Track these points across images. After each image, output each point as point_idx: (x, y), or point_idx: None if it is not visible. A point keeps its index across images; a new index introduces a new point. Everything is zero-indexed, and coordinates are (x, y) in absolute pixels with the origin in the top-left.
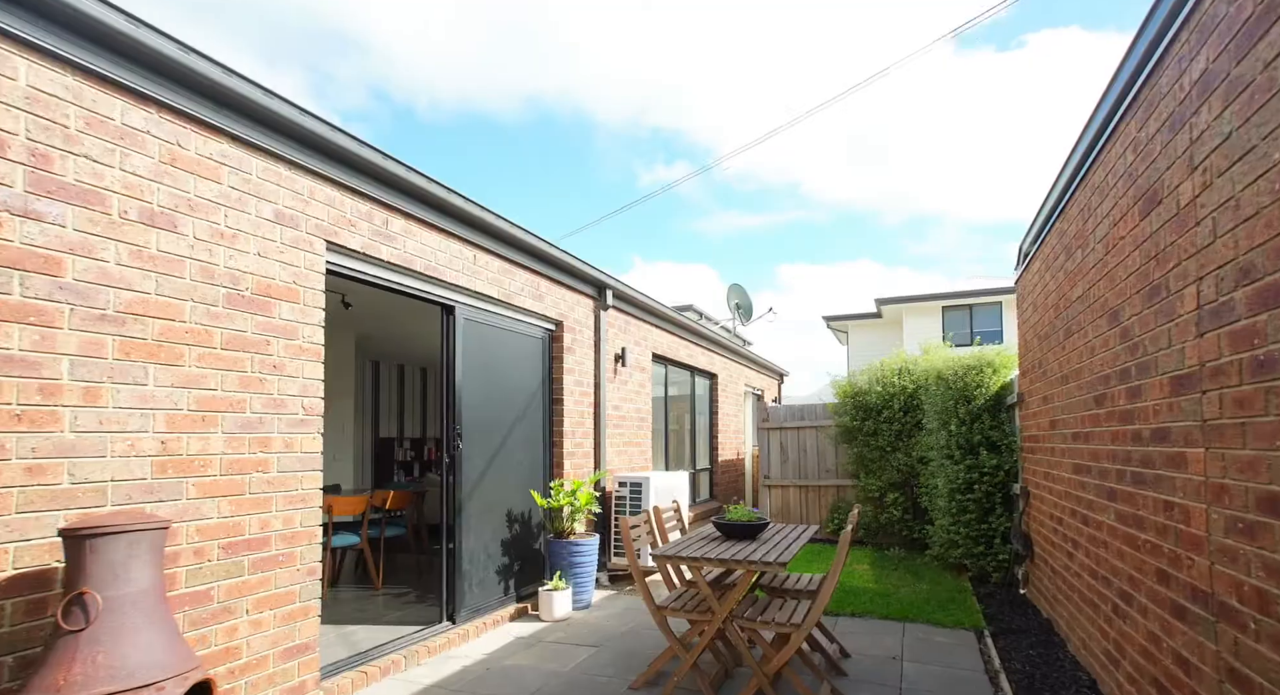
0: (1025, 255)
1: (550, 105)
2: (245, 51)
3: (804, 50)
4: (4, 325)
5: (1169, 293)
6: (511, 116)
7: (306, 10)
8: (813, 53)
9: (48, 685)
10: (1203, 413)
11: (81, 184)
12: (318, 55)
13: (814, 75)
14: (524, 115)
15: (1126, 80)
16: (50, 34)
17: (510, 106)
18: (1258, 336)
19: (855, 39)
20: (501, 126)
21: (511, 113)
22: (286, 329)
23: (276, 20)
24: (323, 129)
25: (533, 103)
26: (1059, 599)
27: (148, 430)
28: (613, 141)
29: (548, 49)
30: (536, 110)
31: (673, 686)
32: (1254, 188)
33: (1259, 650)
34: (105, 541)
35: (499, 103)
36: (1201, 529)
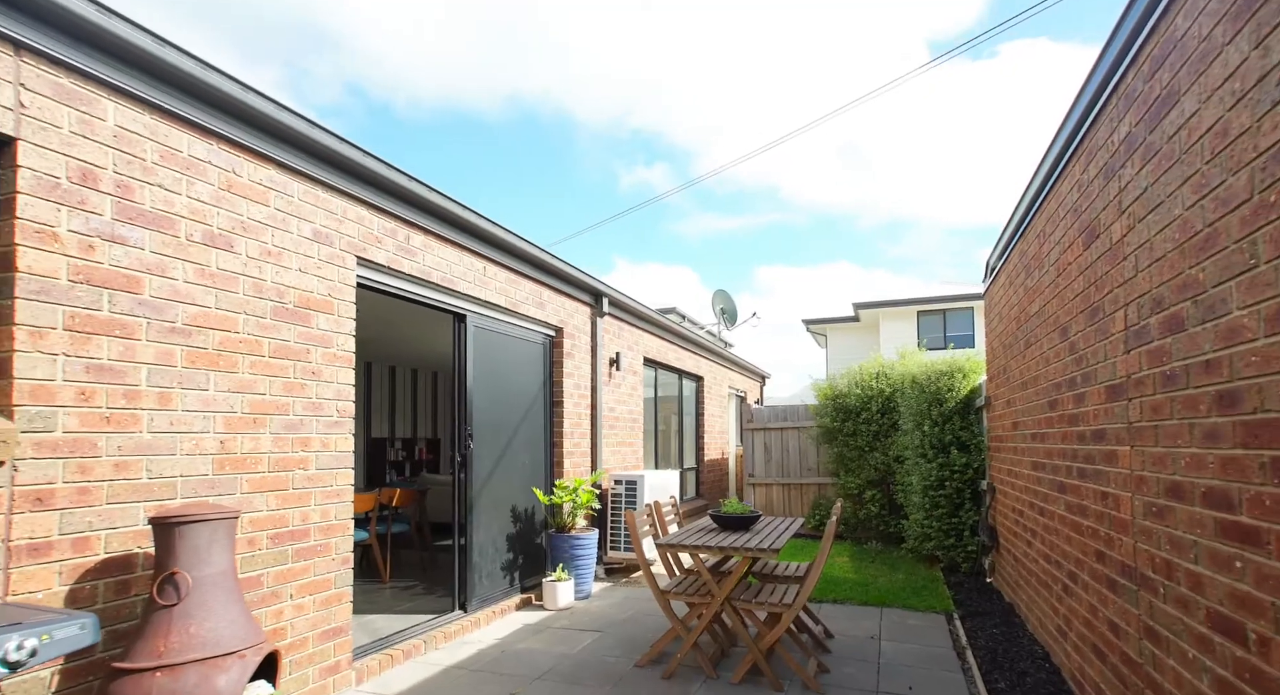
0: (992, 269)
1: (532, 105)
2: (221, 45)
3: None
4: (96, 338)
5: (1104, 314)
6: (493, 115)
7: (283, 4)
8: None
9: (150, 651)
10: (1129, 417)
11: (156, 210)
12: (294, 50)
13: (796, 79)
14: (505, 114)
15: (1072, 129)
16: (134, 78)
17: (491, 105)
18: (1166, 355)
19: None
20: (484, 125)
21: (492, 111)
22: (323, 338)
23: (252, 13)
24: (356, 154)
25: (514, 101)
26: (1019, 584)
27: (209, 431)
28: (594, 142)
29: (532, 48)
30: (518, 109)
31: (676, 664)
32: (1163, 235)
33: (1166, 610)
34: (191, 528)
35: (480, 101)
36: (1128, 514)
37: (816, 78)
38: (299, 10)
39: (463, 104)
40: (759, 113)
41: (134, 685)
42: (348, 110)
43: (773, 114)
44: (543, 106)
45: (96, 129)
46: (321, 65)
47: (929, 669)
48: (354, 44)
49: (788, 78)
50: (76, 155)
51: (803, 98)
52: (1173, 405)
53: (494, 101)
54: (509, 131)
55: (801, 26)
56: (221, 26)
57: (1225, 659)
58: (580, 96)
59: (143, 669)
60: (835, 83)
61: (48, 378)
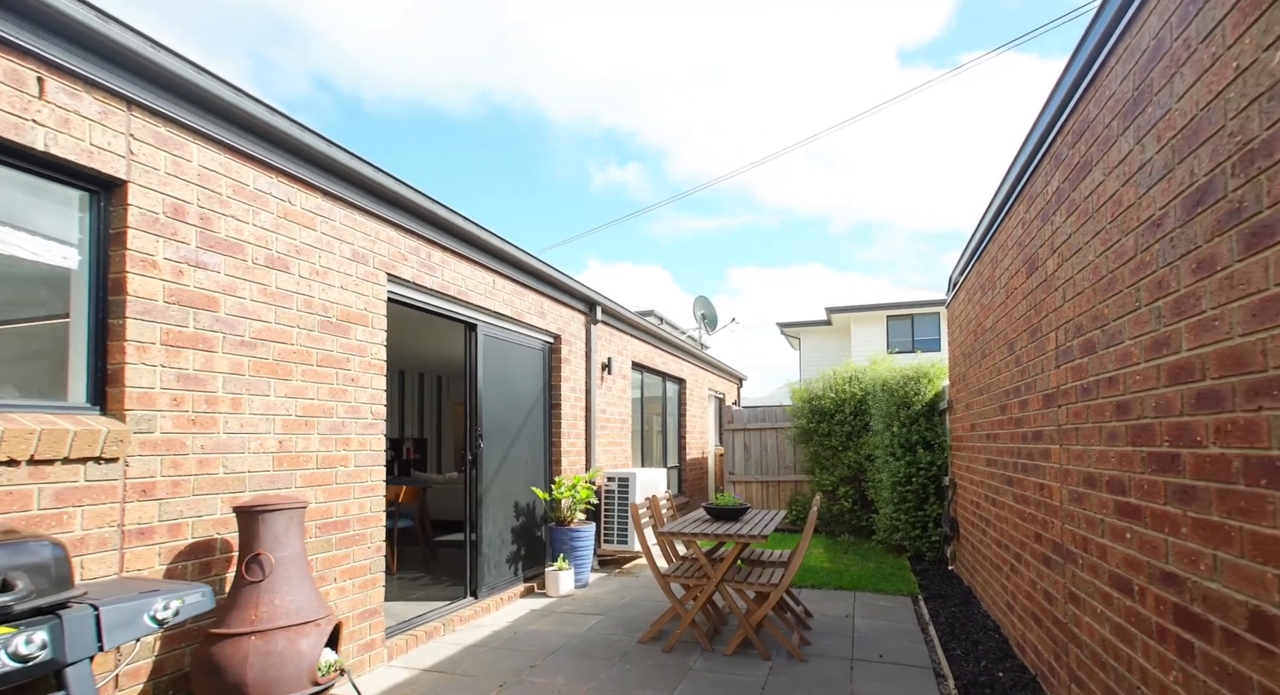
0: (954, 284)
1: (503, 102)
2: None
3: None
4: (184, 351)
5: (1042, 334)
6: (464, 112)
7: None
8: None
9: (244, 619)
10: (1058, 421)
11: (230, 238)
12: (259, 41)
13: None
14: (476, 111)
15: (1016, 175)
16: (213, 123)
17: (462, 102)
18: (1084, 372)
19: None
20: (455, 122)
21: (464, 108)
22: (360, 348)
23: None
24: (389, 181)
25: (485, 99)
26: (976, 568)
27: (270, 432)
28: (566, 141)
29: (503, 46)
30: (489, 106)
31: (676, 638)
32: (1081, 274)
33: (1083, 576)
34: (273, 516)
35: (451, 97)
36: (1058, 501)
37: (787, 82)
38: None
39: (433, 100)
40: (731, 115)
41: (234, 647)
42: (316, 104)
43: (744, 116)
44: (514, 104)
45: (185, 169)
46: (288, 57)
47: (897, 640)
48: (322, 36)
49: (759, 80)
50: (170, 193)
51: (773, 101)
52: (1087, 412)
53: (465, 98)
54: (480, 129)
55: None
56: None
57: (1120, 609)
58: (552, 95)
59: (240, 633)
60: (805, 87)
61: (149, 386)
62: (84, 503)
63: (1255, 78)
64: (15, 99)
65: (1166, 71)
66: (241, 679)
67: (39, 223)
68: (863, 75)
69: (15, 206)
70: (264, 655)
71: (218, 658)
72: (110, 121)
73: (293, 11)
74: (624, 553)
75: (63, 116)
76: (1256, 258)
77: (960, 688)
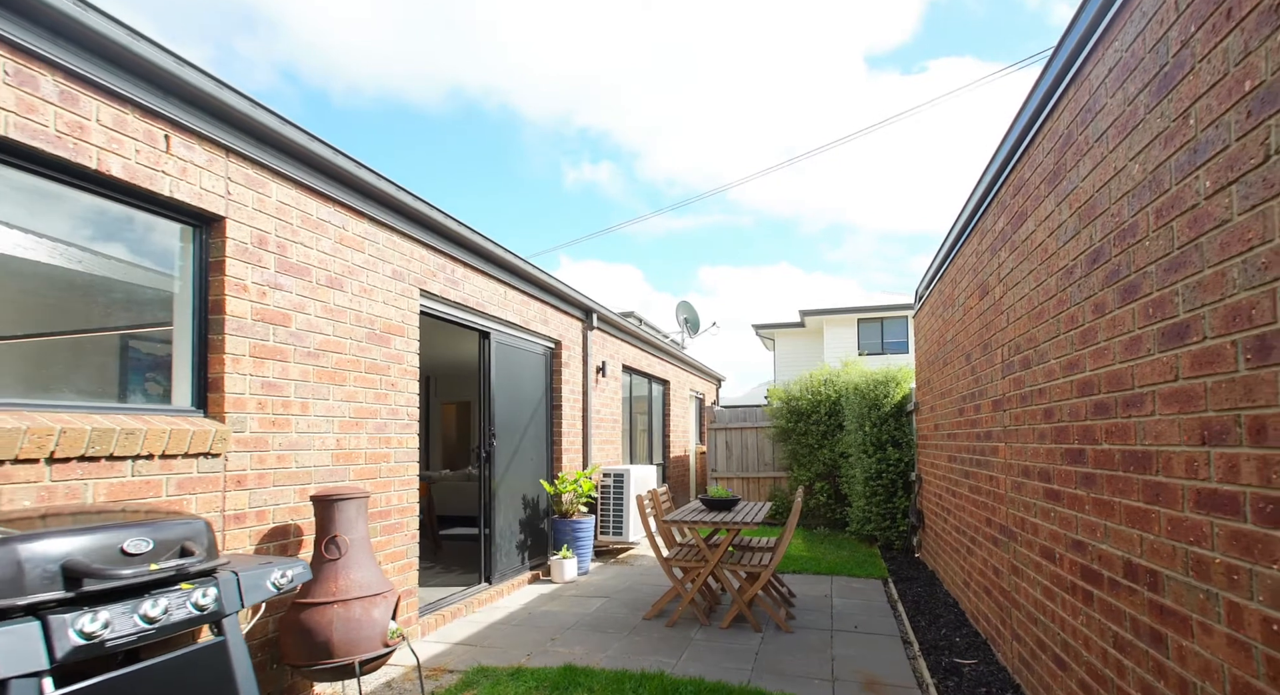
0: (920, 297)
1: (475, 98)
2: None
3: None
4: (266, 361)
5: (991, 349)
6: (435, 107)
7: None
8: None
9: (326, 591)
10: (1004, 423)
11: (300, 263)
12: (224, 30)
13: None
14: (447, 107)
15: (971, 211)
16: (287, 163)
17: (433, 97)
18: (1021, 383)
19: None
20: (425, 117)
21: (434, 103)
22: (398, 357)
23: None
24: (422, 206)
25: (456, 95)
26: (939, 554)
27: (330, 432)
28: (539, 138)
29: (474, 43)
30: (460, 102)
31: (677, 615)
32: (1019, 303)
33: (1021, 551)
34: (345, 503)
35: (422, 93)
36: (1004, 490)
37: (760, 83)
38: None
39: (403, 95)
40: (704, 115)
41: (320, 613)
42: (282, 95)
43: (717, 117)
44: (486, 101)
45: (266, 204)
46: (254, 47)
47: (869, 615)
48: (289, 27)
49: (732, 82)
50: (255, 225)
51: (746, 102)
52: (1024, 416)
53: (436, 94)
54: (451, 124)
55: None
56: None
57: (1047, 574)
58: (525, 93)
59: (324, 603)
60: (777, 89)
61: (241, 392)
62: (197, 491)
63: (1128, 177)
64: (150, 154)
65: (1075, 156)
66: (329, 639)
67: (153, 253)
68: (831, 79)
69: (140, 241)
70: (345, 620)
71: (307, 622)
72: (214, 167)
73: (260, 1)
74: (619, 544)
75: (182, 166)
76: (1128, 307)
77: (923, 650)
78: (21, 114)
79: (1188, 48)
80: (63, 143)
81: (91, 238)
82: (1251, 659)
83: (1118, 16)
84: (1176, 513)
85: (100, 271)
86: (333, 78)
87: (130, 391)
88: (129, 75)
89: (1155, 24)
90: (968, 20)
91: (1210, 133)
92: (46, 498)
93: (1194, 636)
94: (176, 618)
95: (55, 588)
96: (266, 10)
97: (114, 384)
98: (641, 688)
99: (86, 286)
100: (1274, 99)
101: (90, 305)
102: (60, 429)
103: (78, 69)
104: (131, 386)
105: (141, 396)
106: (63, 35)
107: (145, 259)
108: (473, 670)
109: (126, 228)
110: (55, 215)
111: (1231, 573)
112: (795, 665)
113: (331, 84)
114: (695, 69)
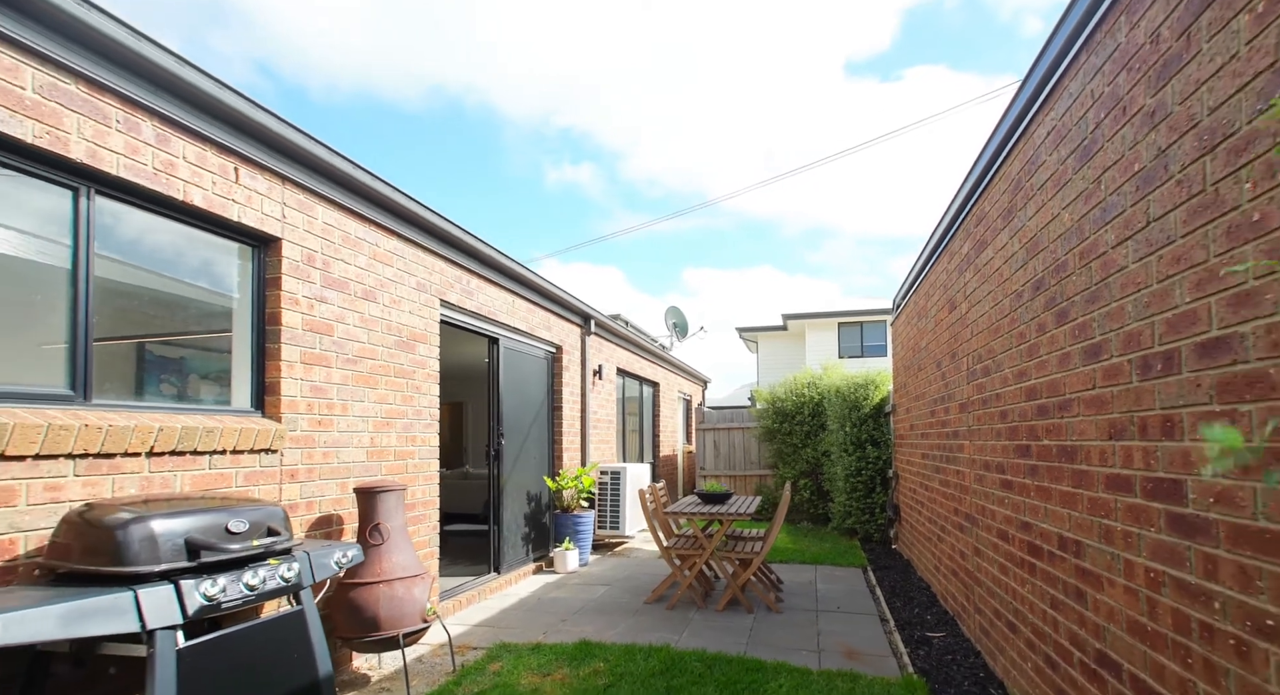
0: (897, 306)
1: (455, 97)
2: None
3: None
4: (314, 367)
5: (958, 357)
6: (415, 105)
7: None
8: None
9: (372, 572)
10: (969, 423)
11: (341, 278)
12: (196, 24)
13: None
14: (428, 105)
15: (940, 236)
16: (332, 188)
17: (413, 95)
18: (982, 388)
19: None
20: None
21: (414, 102)
22: (422, 362)
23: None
24: (445, 224)
25: (437, 93)
26: (914, 543)
27: (365, 431)
28: (520, 138)
29: (455, 42)
30: (441, 100)
31: (676, 599)
32: (981, 318)
33: (982, 535)
34: (387, 495)
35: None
36: (968, 482)
37: (740, 87)
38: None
39: (383, 93)
40: (685, 117)
41: (369, 592)
42: (259, 91)
43: (699, 119)
44: (467, 99)
45: (313, 226)
46: (227, 41)
47: (850, 598)
48: (264, 21)
49: (714, 85)
50: (304, 245)
51: (727, 105)
52: (985, 417)
53: (416, 92)
54: (431, 123)
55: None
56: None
57: (1001, 552)
58: (506, 92)
59: (371, 583)
60: (758, 94)
61: (294, 395)
62: (259, 483)
63: (1061, 223)
64: (223, 185)
65: (1023, 199)
66: (376, 614)
67: (217, 271)
68: (812, 85)
69: (207, 260)
70: (389, 598)
71: (356, 600)
72: (273, 194)
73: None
74: (615, 538)
75: (248, 194)
76: (1061, 328)
77: (898, 626)
78: (128, 155)
79: (1099, 129)
80: (158, 178)
81: (169, 259)
82: (1138, 601)
83: (1053, 92)
84: (1093, 493)
85: (171, 289)
86: (310, 73)
87: (201, 394)
88: (212, 118)
89: (1078, 105)
90: (943, 31)
91: (1114, 197)
92: (146, 487)
93: (1104, 590)
94: (269, 587)
95: (181, 558)
96: (239, 4)
97: (187, 387)
98: (651, 657)
99: (166, 301)
100: (1153, 179)
101: (168, 317)
102: (159, 427)
103: (171, 114)
104: (202, 390)
105: (211, 399)
106: (163, 87)
107: (211, 276)
108: (495, 646)
109: (198, 249)
110: (147, 240)
111: (1127, 537)
112: (785, 639)
113: (310, 80)
114: (678, 71)
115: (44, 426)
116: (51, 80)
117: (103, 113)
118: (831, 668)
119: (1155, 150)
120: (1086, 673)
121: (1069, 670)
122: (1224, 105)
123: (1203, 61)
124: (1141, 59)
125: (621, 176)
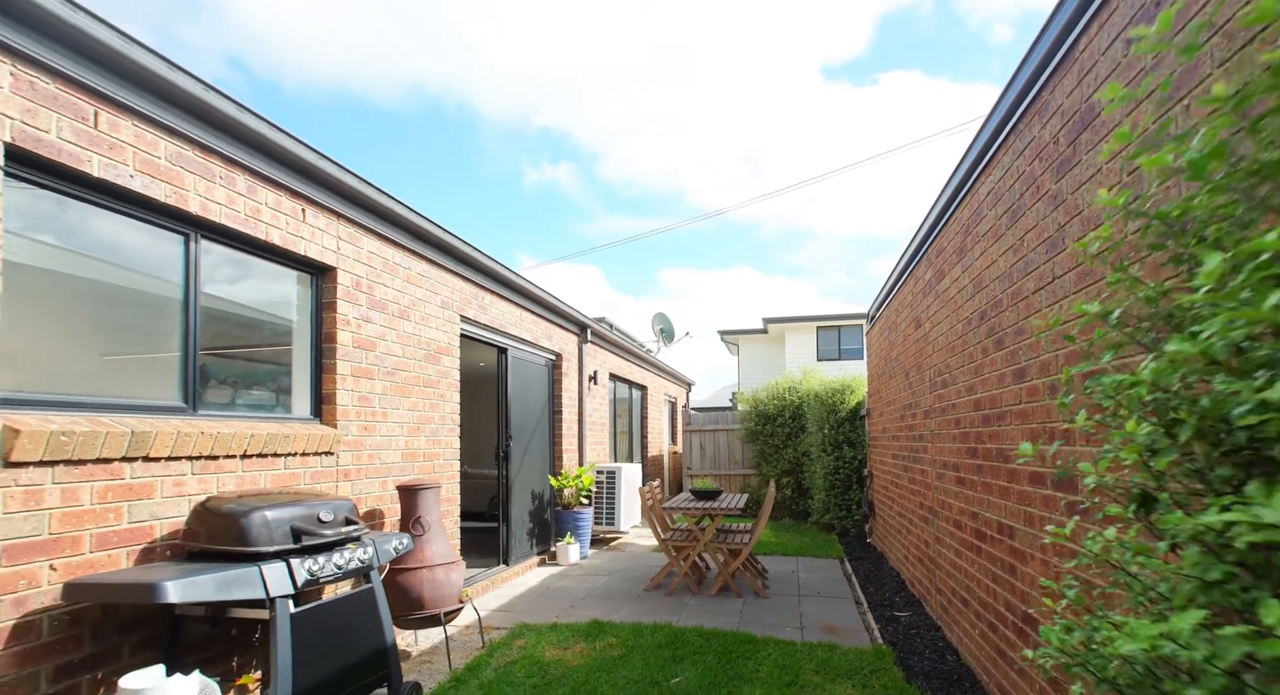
0: (872, 318)
1: (435, 95)
2: None
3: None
4: (360, 379)
5: (923, 369)
6: (393, 103)
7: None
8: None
9: (417, 559)
10: (931, 428)
11: (382, 299)
12: (166, 16)
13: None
14: (407, 103)
15: (905, 262)
16: (376, 221)
17: (392, 94)
18: (941, 397)
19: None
20: (384, 113)
21: (393, 100)
22: (446, 372)
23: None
24: (468, 249)
25: (417, 92)
26: (886, 537)
27: (400, 435)
28: (499, 137)
29: (437, 41)
30: (420, 99)
31: (673, 586)
32: (941, 337)
33: (941, 525)
34: (426, 492)
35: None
36: (931, 479)
37: (719, 90)
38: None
39: (361, 90)
40: (664, 119)
41: (414, 575)
42: (231, 84)
43: (677, 121)
44: (446, 99)
45: (361, 254)
46: (199, 34)
47: (829, 585)
48: (237, 17)
49: (692, 87)
50: (353, 271)
51: (705, 108)
52: (943, 423)
53: (395, 91)
54: (410, 121)
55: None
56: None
57: (956, 539)
58: (486, 92)
59: (416, 568)
60: (736, 96)
61: (346, 404)
62: (321, 481)
63: (997, 267)
64: (294, 224)
65: (971, 241)
66: (420, 594)
67: (282, 297)
68: (789, 87)
69: (274, 288)
70: (432, 582)
71: (403, 583)
72: (330, 230)
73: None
74: (611, 533)
75: (312, 230)
76: (998, 353)
77: (871, 607)
78: (227, 205)
79: (1023, 198)
80: (248, 223)
81: (247, 289)
82: (1049, 570)
83: (991, 161)
84: (1021, 487)
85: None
86: (285, 69)
87: (275, 405)
88: (288, 168)
89: (1009, 175)
90: (916, 37)
91: (1033, 254)
92: (240, 484)
93: (1028, 563)
94: (351, 567)
95: (289, 541)
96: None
97: (262, 398)
98: (656, 633)
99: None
100: (1056, 245)
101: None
102: (251, 434)
103: (257, 168)
104: (272, 400)
105: (280, 409)
106: (254, 146)
107: (279, 302)
108: (516, 626)
109: (270, 279)
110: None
111: (1043, 521)
112: (772, 619)
113: (284, 76)
114: (657, 73)
115: (174, 434)
116: (177, 149)
117: (210, 171)
118: (813, 640)
119: (1056, 225)
120: (1017, 631)
121: (1005, 631)
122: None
123: (1082, 167)
124: (1048, 153)
125: (600, 176)
